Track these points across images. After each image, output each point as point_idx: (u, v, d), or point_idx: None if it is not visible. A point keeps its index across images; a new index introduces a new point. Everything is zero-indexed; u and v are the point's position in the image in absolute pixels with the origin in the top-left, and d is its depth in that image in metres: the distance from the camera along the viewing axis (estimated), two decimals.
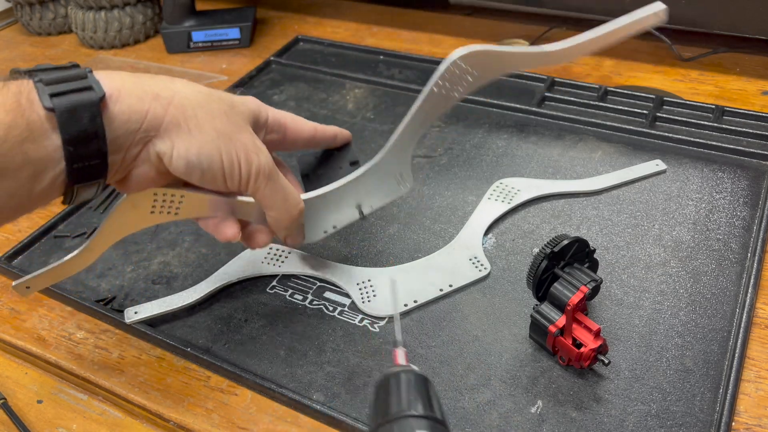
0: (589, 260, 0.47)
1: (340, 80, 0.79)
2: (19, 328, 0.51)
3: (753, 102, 0.70)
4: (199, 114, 0.39)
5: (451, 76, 0.41)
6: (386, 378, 0.34)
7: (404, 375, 0.34)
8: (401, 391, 0.33)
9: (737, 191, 0.58)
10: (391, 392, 0.33)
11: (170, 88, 0.39)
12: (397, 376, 0.34)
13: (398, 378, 0.34)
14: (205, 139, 0.39)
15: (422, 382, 0.34)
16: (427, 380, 0.34)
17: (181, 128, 0.38)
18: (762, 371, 0.44)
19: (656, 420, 0.41)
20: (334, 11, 0.97)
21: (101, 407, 0.47)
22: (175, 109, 0.38)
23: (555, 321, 0.43)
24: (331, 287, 0.52)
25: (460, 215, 0.58)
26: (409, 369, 0.35)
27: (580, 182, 0.59)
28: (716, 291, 0.49)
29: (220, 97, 0.41)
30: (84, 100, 0.35)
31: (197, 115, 0.39)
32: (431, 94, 0.43)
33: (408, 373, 0.34)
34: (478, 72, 0.42)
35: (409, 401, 0.33)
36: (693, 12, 0.71)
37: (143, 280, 0.54)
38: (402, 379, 0.34)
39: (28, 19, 0.96)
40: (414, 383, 0.34)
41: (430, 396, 0.33)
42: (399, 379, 0.34)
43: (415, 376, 0.34)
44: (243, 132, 0.41)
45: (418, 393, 0.33)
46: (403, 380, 0.34)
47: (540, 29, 0.85)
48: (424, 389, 0.33)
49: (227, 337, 0.49)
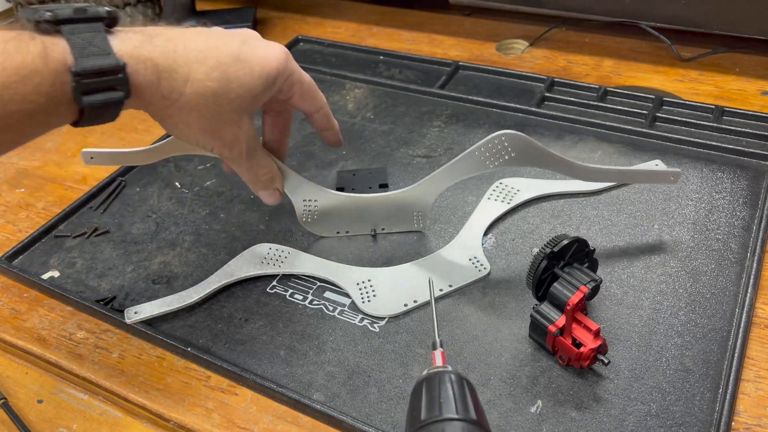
0: (589, 260, 0.47)
1: (340, 80, 0.79)
2: (20, 328, 0.52)
3: (752, 102, 0.70)
4: (192, 116, 0.43)
5: (493, 147, 0.46)
6: (423, 380, 0.35)
7: (440, 376, 0.35)
8: (433, 394, 0.34)
9: (737, 191, 0.58)
10: (423, 395, 0.34)
11: (183, 75, 0.41)
12: (432, 378, 0.35)
13: (444, 379, 0.35)
14: (190, 135, 0.45)
15: (460, 382, 0.35)
16: (465, 380, 0.35)
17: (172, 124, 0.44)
18: (761, 371, 0.44)
19: (656, 420, 0.41)
20: (334, 11, 0.97)
21: (101, 407, 0.47)
22: (175, 110, 0.42)
23: (555, 321, 0.43)
24: (331, 287, 0.52)
25: (460, 215, 0.58)
26: (446, 370, 0.35)
27: (579, 182, 0.59)
28: (716, 291, 0.49)
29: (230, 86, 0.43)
30: (113, 98, 0.39)
31: (189, 118, 0.43)
32: (471, 156, 0.47)
33: (445, 374, 0.35)
34: (516, 154, 0.46)
35: (440, 405, 0.33)
36: (693, 12, 0.71)
37: (143, 280, 0.54)
38: (436, 381, 0.35)
39: None
40: (450, 385, 0.34)
41: (465, 396, 0.34)
42: (433, 381, 0.35)
43: (453, 377, 0.35)
44: (229, 126, 0.45)
45: (450, 395, 0.34)
46: (438, 382, 0.35)
47: (540, 29, 0.85)
48: (461, 390, 0.34)
49: (227, 337, 0.49)
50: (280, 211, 0.59)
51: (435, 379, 0.35)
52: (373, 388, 0.44)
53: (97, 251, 0.57)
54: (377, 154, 0.66)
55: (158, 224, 0.60)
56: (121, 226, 0.60)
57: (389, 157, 0.65)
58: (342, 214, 0.55)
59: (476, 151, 0.47)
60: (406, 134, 0.69)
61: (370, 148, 0.67)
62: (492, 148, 0.46)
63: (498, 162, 0.47)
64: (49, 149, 0.72)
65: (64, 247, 0.58)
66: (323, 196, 0.54)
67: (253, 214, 0.60)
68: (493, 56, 0.82)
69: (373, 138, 0.68)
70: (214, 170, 0.65)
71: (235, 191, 0.63)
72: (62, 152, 0.72)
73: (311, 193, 0.53)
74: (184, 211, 0.61)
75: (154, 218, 0.60)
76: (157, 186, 0.64)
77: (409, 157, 0.65)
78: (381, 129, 0.70)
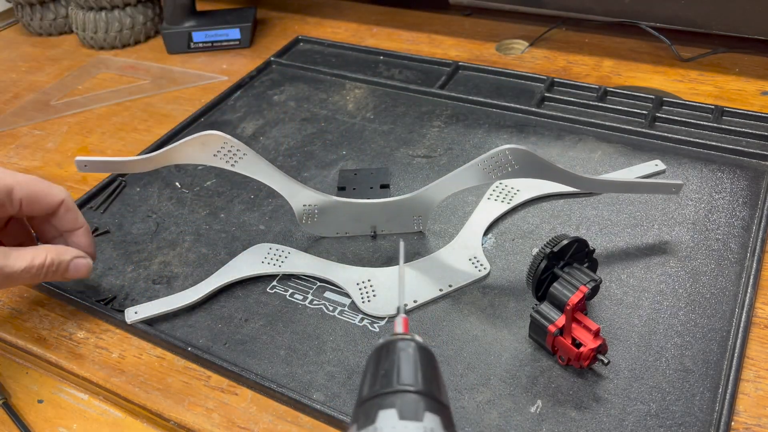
0: (589, 260, 0.47)
1: (340, 80, 0.79)
2: (20, 328, 0.52)
3: (752, 102, 0.70)
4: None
5: (497, 160, 0.46)
6: (386, 345, 0.31)
7: (411, 345, 0.31)
8: (409, 363, 0.30)
9: (736, 191, 0.58)
10: (396, 361, 0.30)
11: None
12: (403, 344, 0.31)
13: (405, 347, 0.30)
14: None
15: (431, 359, 0.31)
16: (436, 359, 0.31)
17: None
18: (761, 371, 0.44)
19: (656, 419, 0.41)
20: (334, 11, 0.97)
21: (101, 407, 0.47)
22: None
23: (554, 321, 0.43)
24: (331, 287, 0.52)
25: (460, 215, 0.58)
26: (419, 341, 0.32)
27: None
28: (715, 291, 0.49)
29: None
30: None
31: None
32: (474, 167, 0.47)
33: (415, 344, 0.31)
34: (519, 167, 0.47)
35: (416, 376, 0.29)
36: (692, 12, 0.71)
37: (144, 280, 0.54)
38: (407, 349, 0.30)
39: (29, 20, 0.96)
40: (424, 359, 0.30)
41: (439, 377, 0.30)
42: (405, 349, 0.30)
43: (424, 350, 0.31)
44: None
45: (428, 370, 0.30)
46: (411, 351, 0.30)
47: (540, 29, 0.85)
48: (433, 367, 0.30)
49: (227, 337, 0.49)
50: (280, 211, 0.60)
51: (391, 347, 0.31)
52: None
53: (97, 251, 0.57)
54: (377, 154, 0.66)
55: (158, 224, 0.60)
56: (122, 226, 0.60)
57: (389, 157, 0.65)
58: (342, 216, 0.55)
59: (479, 163, 0.47)
60: (406, 134, 0.69)
61: (370, 148, 0.67)
62: (496, 162, 0.46)
63: (501, 174, 0.47)
64: (50, 149, 0.72)
65: None
66: (323, 201, 0.54)
67: (253, 214, 0.60)
68: (493, 56, 0.82)
69: (373, 138, 0.68)
70: (214, 170, 0.65)
71: (235, 191, 0.63)
72: (62, 152, 0.72)
73: (310, 199, 0.53)
74: (184, 211, 0.61)
75: (154, 218, 0.60)
76: (157, 186, 0.64)
77: (409, 157, 0.65)
78: (381, 129, 0.70)
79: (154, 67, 0.87)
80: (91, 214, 0.61)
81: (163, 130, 0.72)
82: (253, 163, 0.50)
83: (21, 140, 0.74)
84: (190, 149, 0.49)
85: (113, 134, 0.74)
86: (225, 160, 0.49)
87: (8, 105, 0.81)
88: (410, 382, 0.29)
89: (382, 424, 0.27)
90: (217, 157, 0.49)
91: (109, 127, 0.74)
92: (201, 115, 0.74)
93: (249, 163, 0.50)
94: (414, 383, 0.29)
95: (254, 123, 0.72)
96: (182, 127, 0.72)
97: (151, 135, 0.73)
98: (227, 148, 0.49)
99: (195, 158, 0.49)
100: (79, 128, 0.75)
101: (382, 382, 0.29)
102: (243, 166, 0.50)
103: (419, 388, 0.29)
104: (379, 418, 0.27)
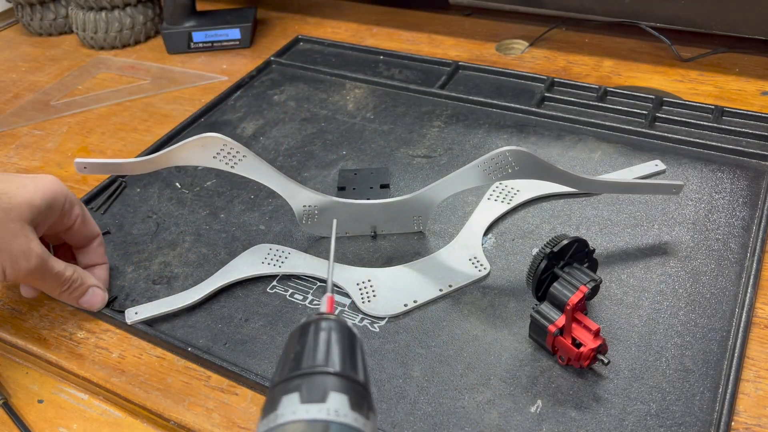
0: (589, 260, 0.47)
1: (340, 80, 0.79)
2: (20, 328, 0.52)
3: (752, 102, 0.70)
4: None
5: (497, 162, 0.47)
6: (306, 325, 0.30)
7: (327, 324, 0.29)
8: (320, 343, 0.28)
9: (736, 191, 0.58)
10: (307, 342, 0.28)
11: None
12: (317, 324, 0.29)
13: (319, 327, 0.29)
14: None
15: (348, 336, 0.29)
16: (356, 336, 0.30)
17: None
18: (761, 371, 0.44)
19: (656, 419, 0.41)
20: (334, 11, 0.97)
21: (102, 407, 0.47)
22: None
23: (554, 321, 0.43)
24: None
25: (460, 215, 0.58)
26: (335, 318, 0.30)
27: None
28: (715, 291, 0.49)
29: (1, 199, 0.44)
30: None
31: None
32: (474, 168, 0.48)
33: (333, 322, 0.30)
34: (519, 168, 0.47)
35: (327, 356, 0.28)
36: (692, 12, 0.71)
37: (144, 280, 0.54)
38: (324, 328, 0.29)
39: (29, 20, 0.96)
40: (339, 336, 0.29)
41: (355, 354, 0.29)
42: (320, 329, 0.29)
43: (341, 327, 0.30)
44: (16, 237, 0.44)
45: (341, 348, 0.28)
46: (325, 330, 0.29)
47: (540, 29, 0.85)
48: (349, 345, 0.29)
49: (227, 337, 0.49)
50: (280, 211, 0.60)
51: (305, 328, 0.30)
52: (373, 388, 0.44)
53: None
54: (377, 154, 0.66)
55: (158, 224, 0.60)
56: (122, 226, 0.60)
57: (389, 157, 0.65)
58: (342, 216, 0.55)
59: (480, 164, 0.47)
60: (406, 134, 0.69)
61: (370, 148, 0.67)
62: (496, 163, 0.46)
63: (501, 175, 0.47)
64: (50, 149, 0.72)
65: None
66: (322, 202, 0.54)
67: (253, 214, 0.60)
68: (493, 56, 0.82)
69: (373, 138, 0.68)
70: (214, 171, 0.65)
71: (235, 191, 0.63)
72: (62, 152, 0.72)
73: (310, 200, 0.53)
74: (184, 211, 0.61)
75: (154, 219, 0.60)
76: (157, 186, 0.64)
77: (409, 157, 0.65)
78: (381, 129, 0.70)
79: (154, 67, 0.87)
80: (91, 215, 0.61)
81: (163, 131, 0.72)
82: (252, 165, 0.50)
83: (21, 140, 0.74)
84: (190, 151, 0.49)
85: (113, 134, 0.74)
86: (225, 162, 0.49)
87: (8, 105, 0.81)
88: (319, 362, 0.28)
89: (283, 410, 0.26)
90: (217, 159, 0.49)
91: (109, 127, 0.74)
92: (201, 115, 0.74)
93: (248, 164, 0.50)
94: (322, 363, 0.28)
95: (254, 123, 0.72)
96: (182, 127, 0.72)
97: (151, 135, 0.73)
98: (227, 150, 0.49)
99: (195, 160, 0.49)
100: (79, 128, 0.75)
101: (291, 365, 0.28)
102: (243, 167, 0.50)
103: (326, 369, 0.27)
104: (281, 404, 0.26)
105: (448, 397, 0.43)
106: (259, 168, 0.50)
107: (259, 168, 0.50)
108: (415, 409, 0.43)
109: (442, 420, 0.42)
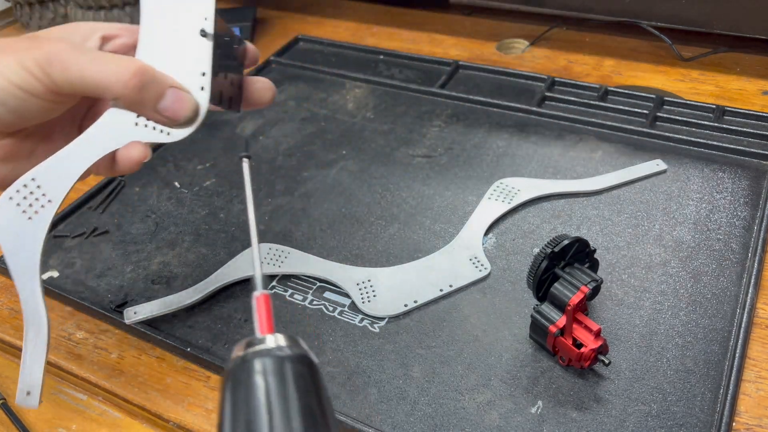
0: (590, 260, 0.47)
1: (340, 80, 0.79)
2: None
3: (753, 102, 0.70)
4: None
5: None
6: (237, 370, 0.21)
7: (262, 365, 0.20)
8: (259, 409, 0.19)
9: (738, 191, 0.58)
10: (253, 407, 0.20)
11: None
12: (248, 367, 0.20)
13: (252, 372, 0.20)
14: None
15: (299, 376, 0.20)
16: (313, 369, 0.21)
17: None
18: (762, 371, 0.44)
19: (656, 420, 0.41)
20: (334, 11, 0.97)
21: (101, 407, 0.47)
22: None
23: (555, 321, 0.43)
24: (331, 287, 0.52)
25: (460, 215, 0.57)
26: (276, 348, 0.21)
27: (580, 182, 0.59)
28: (717, 291, 0.49)
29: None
30: None
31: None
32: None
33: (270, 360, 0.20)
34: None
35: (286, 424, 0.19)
36: (693, 11, 0.71)
37: (143, 280, 0.54)
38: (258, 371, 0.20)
39: (28, 19, 0.96)
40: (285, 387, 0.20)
41: (313, 406, 0.20)
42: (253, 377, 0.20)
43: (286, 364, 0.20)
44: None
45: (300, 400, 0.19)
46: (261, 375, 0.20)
47: (540, 29, 0.85)
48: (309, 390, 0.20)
49: (227, 337, 0.49)
50: (280, 211, 0.59)
51: (245, 372, 0.21)
52: (373, 388, 0.44)
53: (96, 251, 0.57)
54: (377, 153, 0.66)
55: (157, 224, 0.60)
56: (121, 226, 0.60)
57: (389, 157, 0.65)
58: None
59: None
60: (406, 134, 0.68)
61: (370, 147, 0.67)
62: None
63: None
64: None
65: (64, 247, 0.58)
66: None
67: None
68: (494, 56, 0.82)
69: (373, 138, 0.68)
70: (214, 170, 0.65)
71: (234, 191, 0.62)
72: None
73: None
74: (183, 211, 0.61)
75: (153, 218, 0.60)
76: (156, 186, 0.64)
77: (409, 157, 0.65)
78: (381, 129, 0.70)
79: None
80: (90, 214, 0.61)
81: None
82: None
83: None
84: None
85: None
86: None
87: None
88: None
89: None
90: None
91: None
92: None
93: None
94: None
95: (254, 122, 0.72)
96: None
97: None
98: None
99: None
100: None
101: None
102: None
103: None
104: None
105: (449, 398, 0.43)
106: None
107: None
108: (415, 410, 0.43)
109: (442, 421, 0.42)
